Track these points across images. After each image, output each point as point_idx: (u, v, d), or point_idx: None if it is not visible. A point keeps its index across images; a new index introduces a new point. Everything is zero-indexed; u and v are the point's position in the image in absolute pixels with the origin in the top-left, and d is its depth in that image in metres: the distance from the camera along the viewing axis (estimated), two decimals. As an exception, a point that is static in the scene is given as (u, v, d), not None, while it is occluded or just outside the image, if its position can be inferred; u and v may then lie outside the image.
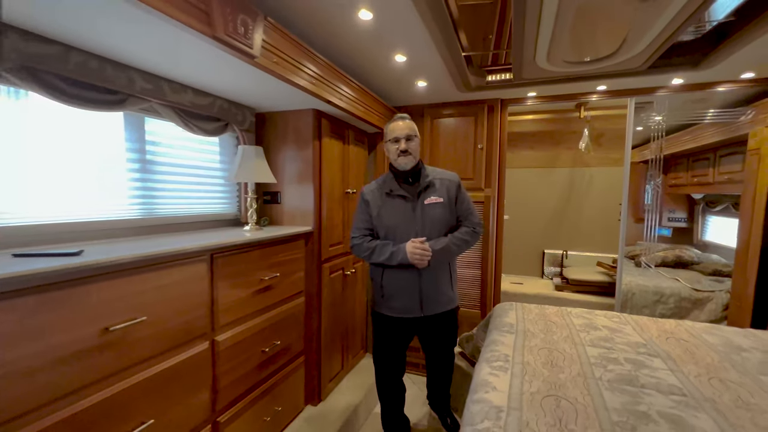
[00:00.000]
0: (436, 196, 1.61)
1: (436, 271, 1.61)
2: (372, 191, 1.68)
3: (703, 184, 3.37)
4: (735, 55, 1.74)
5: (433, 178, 1.65)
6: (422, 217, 1.59)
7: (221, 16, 1.07)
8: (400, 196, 1.61)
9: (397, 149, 1.59)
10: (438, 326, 1.70)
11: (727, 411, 1.10)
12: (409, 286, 1.60)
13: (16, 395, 0.83)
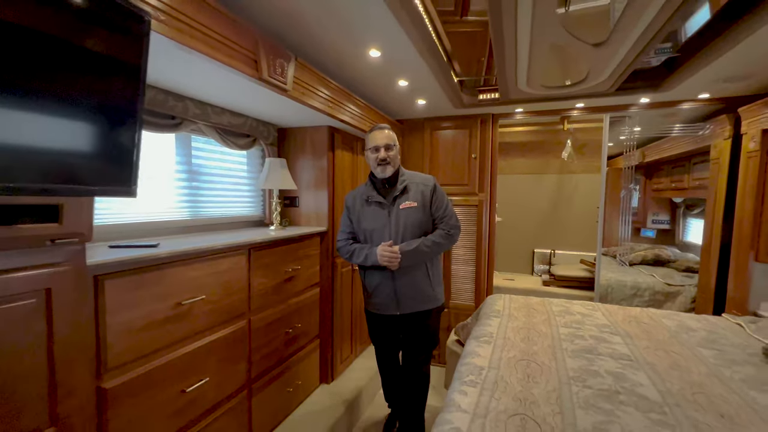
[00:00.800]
0: (410, 201, 1.67)
1: (413, 271, 1.67)
2: (353, 198, 1.78)
3: (680, 189, 3.67)
4: (687, 81, 2.05)
5: (409, 182, 1.70)
6: (397, 221, 1.65)
7: (266, 62, 1.38)
8: (377, 202, 1.69)
9: (377, 158, 1.65)
10: (414, 325, 1.73)
11: (662, 371, 1.40)
12: (384, 285, 1.68)
13: (130, 345, 1.14)
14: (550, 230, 3.80)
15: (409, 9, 1.35)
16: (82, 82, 0.80)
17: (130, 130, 0.89)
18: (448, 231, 1.69)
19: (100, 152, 0.86)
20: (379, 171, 1.66)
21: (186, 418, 1.35)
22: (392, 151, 1.66)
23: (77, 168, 0.84)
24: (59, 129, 0.79)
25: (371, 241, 1.70)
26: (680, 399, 1.20)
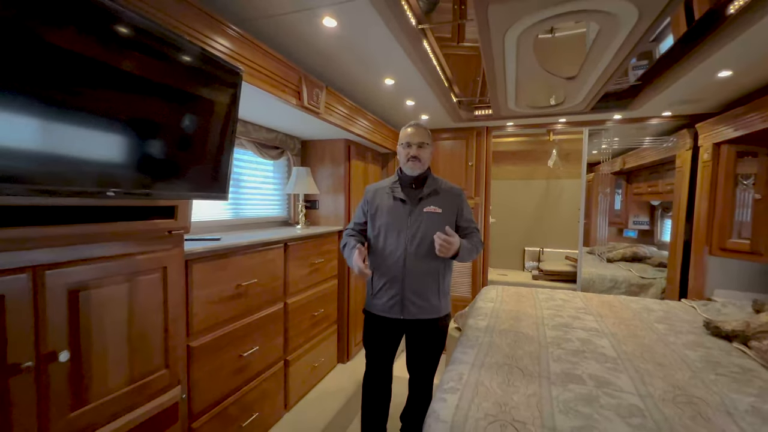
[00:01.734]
0: (435, 206, 1.54)
1: (424, 277, 1.54)
2: (375, 189, 1.65)
3: (655, 193, 4.06)
4: (650, 102, 2.43)
5: (438, 188, 1.59)
6: (416, 223, 1.52)
7: (306, 93, 1.73)
8: (400, 199, 1.56)
9: (407, 154, 1.54)
10: (419, 331, 1.58)
11: (621, 338, 1.75)
12: (391, 285, 1.54)
13: (207, 315, 1.47)
14: (539, 230, 4.17)
15: (419, 50, 1.71)
16: (202, 122, 1.14)
17: (227, 152, 1.24)
18: (480, 240, 1.62)
19: (207, 168, 1.20)
20: (409, 168, 1.56)
21: (242, 378, 1.68)
22: (425, 150, 1.55)
23: (191, 179, 1.18)
24: (180, 152, 1.13)
25: (384, 237, 1.56)
26: (631, 355, 1.55)
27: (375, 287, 1.60)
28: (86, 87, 0.86)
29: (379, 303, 1.59)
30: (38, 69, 0.76)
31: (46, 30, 0.76)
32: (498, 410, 1.13)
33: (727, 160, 2.44)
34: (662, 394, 1.24)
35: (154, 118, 1.02)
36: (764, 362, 1.48)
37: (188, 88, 1.11)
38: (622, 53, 1.58)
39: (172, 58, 1.03)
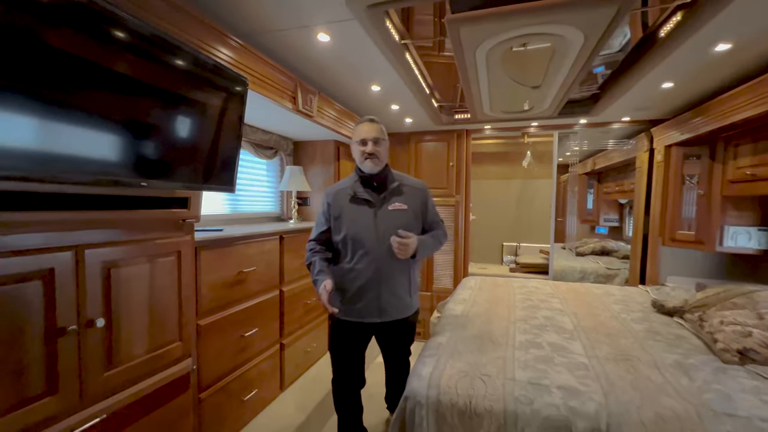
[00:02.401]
0: (400, 203, 1.52)
1: (397, 275, 1.51)
2: (335, 193, 1.56)
3: (622, 191, 4.39)
4: (608, 108, 2.72)
5: (401, 184, 1.56)
6: (384, 223, 1.48)
7: (301, 98, 1.92)
8: (364, 200, 1.50)
9: (363, 152, 1.49)
10: (394, 332, 1.60)
11: (580, 316, 2.00)
12: (368, 288, 1.49)
13: (213, 297, 1.63)
14: (516, 226, 4.45)
15: (402, 62, 1.92)
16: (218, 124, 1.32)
17: (235, 150, 1.42)
18: (444, 232, 1.66)
19: (218, 164, 1.38)
20: (366, 166, 1.50)
21: (243, 356, 1.85)
22: (381, 146, 1.50)
23: (203, 173, 1.35)
24: (197, 149, 1.30)
25: (352, 241, 1.49)
26: (586, 328, 1.80)
27: (347, 293, 1.51)
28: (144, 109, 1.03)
29: (354, 308, 1.51)
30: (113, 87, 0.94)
31: (124, 62, 0.94)
32: (469, 368, 1.34)
33: (676, 161, 2.74)
34: (606, 355, 1.48)
35: (187, 123, 1.20)
36: (694, 330, 1.74)
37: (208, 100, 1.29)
38: (576, 67, 1.82)
39: (203, 77, 1.22)
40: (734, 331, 1.51)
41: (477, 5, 1.33)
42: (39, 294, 0.97)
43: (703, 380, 1.26)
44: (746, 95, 1.92)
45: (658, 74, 2.00)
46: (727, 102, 2.07)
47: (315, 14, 1.44)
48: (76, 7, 0.88)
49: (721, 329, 1.55)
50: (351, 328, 1.56)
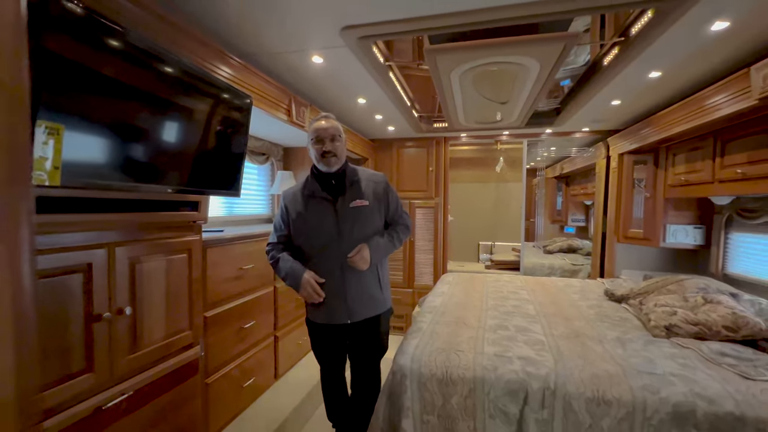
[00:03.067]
0: (361, 199, 1.47)
1: (363, 274, 1.49)
2: (292, 194, 1.54)
3: (586, 194, 4.78)
4: (569, 121, 3.04)
5: (360, 179, 1.51)
6: (346, 221, 1.45)
7: (295, 110, 2.12)
8: (322, 198, 1.46)
9: (320, 150, 1.44)
10: (365, 332, 1.56)
11: (543, 304, 2.28)
12: (334, 290, 1.47)
13: (217, 291, 1.80)
14: (491, 226, 4.76)
15: (386, 80, 2.15)
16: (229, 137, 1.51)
17: (241, 158, 1.60)
18: (406, 224, 1.63)
19: (226, 171, 1.56)
20: (324, 165, 1.45)
21: (243, 346, 2.02)
22: (338, 143, 1.46)
23: (212, 179, 1.53)
24: (214, 159, 1.48)
25: (313, 242, 1.49)
26: (547, 314, 2.07)
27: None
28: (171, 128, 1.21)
29: (322, 311, 1.51)
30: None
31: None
32: (446, 346, 1.58)
33: (627, 167, 3.10)
34: (560, 334, 1.75)
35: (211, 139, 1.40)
36: (635, 313, 2.05)
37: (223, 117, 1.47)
38: (536, 87, 2.11)
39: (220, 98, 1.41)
40: (663, 311, 1.81)
41: (451, 39, 1.58)
42: (80, 285, 1.13)
43: (634, 350, 1.54)
44: (679, 112, 2.26)
45: (606, 94, 2.31)
46: (665, 117, 2.41)
47: (311, 41, 1.64)
48: (132, 47, 1.06)
49: (654, 310, 1.86)
50: (323, 330, 1.57)
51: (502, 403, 1.33)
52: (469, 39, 1.57)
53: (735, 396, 1.19)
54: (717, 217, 2.62)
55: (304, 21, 1.47)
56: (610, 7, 1.31)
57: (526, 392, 1.32)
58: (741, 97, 1.71)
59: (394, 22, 1.44)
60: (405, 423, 1.38)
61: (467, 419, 1.36)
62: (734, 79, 1.73)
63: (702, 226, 2.74)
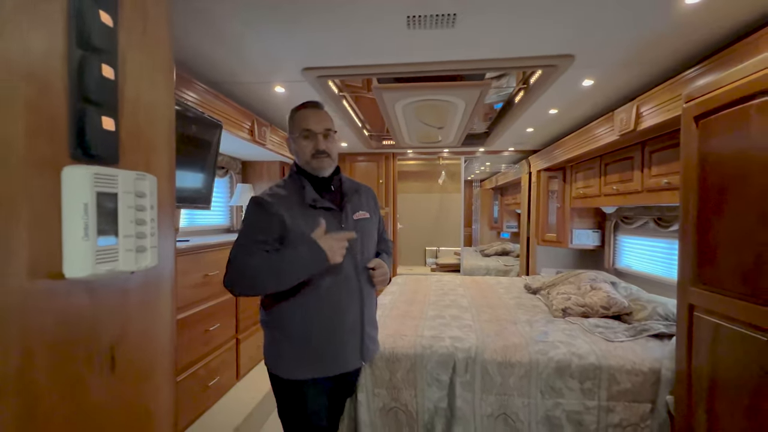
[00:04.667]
0: (363, 211, 1.22)
1: (373, 300, 1.23)
2: (283, 200, 1.11)
3: (516, 203, 5.45)
4: (496, 142, 3.58)
5: (355, 188, 1.26)
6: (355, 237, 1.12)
7: (258, 130, 2.34)
8: (326, 209, 1.14)
9: (314, 147, 1.12)
10: (352, 381, 1.31)
11: (475, 298, 2.70)
12: (349, 326, 1.12)
13: (185, 297, 1.96)
14: (436, 233, 5.25)
15: (340, 106, 2.46)
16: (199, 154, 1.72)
17: (211, 174, 1.81)
18: (390, 241, 1.45)
19: (199, 185, 1.76)
20: (315, 167, 1.14)
21: (209, 347, 2.17)
22: (333, 141, 1.17)
23: (192, 194, 1.72)
24: (185, 175, 1.68)
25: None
26: (477, 305, 2.49)
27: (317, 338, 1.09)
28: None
29: (329, 357, 1.10)
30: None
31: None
32: (393, 332, 1.90)
33: (544, 181, 3.70)
34: (485, 319, 2.15)
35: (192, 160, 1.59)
36: (544, 301, 2.54)
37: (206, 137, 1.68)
38: (465, 117, 2.56)
39: (199, 123, 1.61)
40: (562, 297, 2.30)
41: (395, 80, 1.94)
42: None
43: (537, 327, 1.99)
44: (575, 140, 2.84)
45: (521, 123, 2.83)
46: (567, 143, 3.00)
47: (276, 76, 1.91)
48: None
49: (556, 297, 2.35)
50: (319, 389, 1.12)
51: (436, 373, 1.68)
52: (410, 80, 1.95)
53: (597, 353, 1.65)
54: (608, 223, 3.27)
55: (271, 61, 1.74)
56: (509, 68, 1.75)
57: (454, 362, 1.67)
58: (610, 132, 2.28)
59: (346, 66, 1.76)
60: (360, 396, 1.67)
61: (409, 388, 1.68)
62: (605, 118, 2.29)
63: (599, 230, 3.39)
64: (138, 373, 0.50)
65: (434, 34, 1.44)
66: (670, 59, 1.67)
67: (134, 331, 0.48)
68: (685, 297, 1.33)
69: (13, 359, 0.32)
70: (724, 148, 1.18)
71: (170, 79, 0.53)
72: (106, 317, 0.43)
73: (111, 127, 0.40)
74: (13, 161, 0.32)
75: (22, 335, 0.33)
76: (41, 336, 0.34)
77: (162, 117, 0.51)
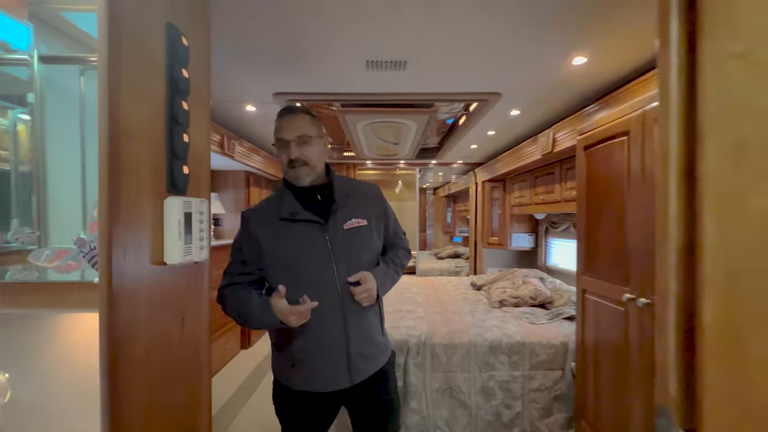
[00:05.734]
0: (357, 218, 1.13)
1: (365, 312, 1.11)
2: (260, 217, 1.12)
3: (466, 210, 5.96)
4: (447, 155, 3.99)
5: (349, 194, 1.15)
6: (342, 248, 1.08)
7: (227, 143, 2.51)
8: (307, 221, 1.08)
9: (288, 157, 1.07)
10: (370, 395, 1.15)
11: (428, 295, 3.04)
12: (330, 345, 1.07)
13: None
14: (394, 238, 5.61)
15: (306, 122, 2.70)
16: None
17: (188, 188, 1.97)
18: (407, 249, 1.32)
19: (175, 198, 1.92)
20: (292, 178, 1.10)
21: (179, 349, 2.28)
22: (310, 147, 1.09)
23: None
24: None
25: (300, 279, 1.07)
26: (429, 300, 2.82)
27: (298, 352, 1.08)
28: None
29: (310, 374, 1.09)
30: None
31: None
32: (355, 325, 2.16)
33: (488, 191, 4.18)
34: (435, 311, 2.48)
35: None
36: (486, 295, 2.94)
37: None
38: (417, 135, 2.91)
39: None
40: (499, 291, 2.71)
41: (356, 105, 2.23)
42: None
43: (478, 317, 2.35)
44: (511, 156, 3.31)
45: (466, 140, 3.25)
46: (504, 158, 3.47)
47: (248, 97, 2.12)
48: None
49: (495, 291, 2.75)
50: (309, 401, 1.12)
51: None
52: (369, 106, 2.25)
53: (522, 333, 2.04)
54: (540, 228, 3.79)
55: (244, 87, 1.95)
56: (450, 101, 2.11)
57: (408, 347, 1.97)
58: (535, 152, 2.74)
59: (314, 93, 2.02)
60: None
61: (370, 372, 1.95)
62: (531, 140, 2.75)
63: (533, 233, 3.90)
64: (194, 331, 0.73)
65: (389, 74, 1.75)
66: (575, 97, 2.12)
67: (192, 300, 0.71)
68: (580, 284, 1.75)
69: (142, 310, 0.56)
70: (600, 172, 1.60)
71: (209, 133, 0.77)
72: (182, 290, 0.66)
73: (186, 172, 0.64)
74: (144, 194, 0.56)
75: (147, 297, 0.56)
76: (155, 298, 0.59)
77: (205, 160, 0.75)
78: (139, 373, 0.54)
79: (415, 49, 1.53)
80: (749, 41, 0.42)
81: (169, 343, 0.61)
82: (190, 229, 0.62)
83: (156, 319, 0.57)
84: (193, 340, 0.69)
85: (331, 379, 1.08)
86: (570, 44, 1.48)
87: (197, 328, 0.72)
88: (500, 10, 1.25)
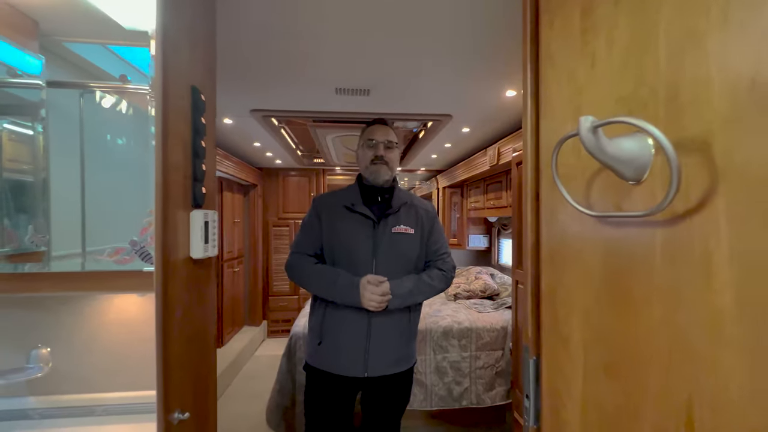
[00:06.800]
0: (406, 225, 1.25)
1: (394, 319, 1.22)
2: (329, 200, 1.31)
3: (431, 213, 6.35)
4: (411, 162, 4.32)
5: (410, 204, 1.31)
6: (385, 247, 1.21)
7: (204, 153, 2.67)
8: (362, 214, 1.23)
9: (373, 155, 1.25)
10: (385, 387, 1.27)
11: (392, 291, 3.34)
12: (354, 334, 1.20)
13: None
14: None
15: (278, 134, 2.91)
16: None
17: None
18: (448, 273, 1.35)
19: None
20: (372, 173, 1.25)
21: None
22: (393, 151, 1.28)
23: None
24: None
25: (343, 264, 1.22)
26: (393, 296, 3.11)
27: (327, 336, 1.22)
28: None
29: (333, 359, 1.21)
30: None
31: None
32: (325, 318, 2.41)
33: (448, 196, 4.55)
34: (398, 305, 2.78)
35: None
36: (444, 290, 3.27)
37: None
38: (384, 146, 3.20)
39: None
40: (454, 286, 3.05)
41: (326, 121, 2.48)
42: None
43: (435, 308, 2.67)
44: (466, 165, 3.68)
45: (427, 151, 3.59)
46: (461, 167, 3.84)
47: (226, 112, 2.31)
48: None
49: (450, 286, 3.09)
50: (331, 381, 1.23)
51: (359, 344, 2.23)
52: (338, 122, 2.51)
53: (470, 320, 2.38)
54: (493, 230, 4.21)
55: (222, 103, 2.15)
56: (409, 120, 2.42)
57: (372, 335, 2.25)
58: (485, 163, 3.12)
59: (287, 110, 2.25)
60: (299, 368, 2.14)
61: (339, 358, 2.21)
62: (481, 153, 3.13)
63: (487, 235, 4.31)
64: (207, 306, 0.96)
65: (356, 98, 2.02)
66: (514, 118, 2.50)
67: (207, 284, 0.95)
68: (514, 276, 2.11)
69: (178, 289, 0.79)
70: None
71: (215, 161, 1.01)
72: (201, 276, 0.89)
73: (204, 191, 0.88)
74: (180, 208, 0.80)
75: (181, 280, 0.80)
76: (185, 281, 0.82)
77: (213, 178, 0.99)
78: (177, 331, 0.77)
79: (377, 78, 1.81)
80: (558, 121, 0.74)
81: (193, 314, 0.85)
82: (206, 233, 0.86)
83: (186, 296, 0.81)
84: (206, 313, 0.93)
85: (347, 367, 1.21)
86: (502, 80, 1.83)
87: (208, 304, 0.96)
88: (446, 48, 1.56)
